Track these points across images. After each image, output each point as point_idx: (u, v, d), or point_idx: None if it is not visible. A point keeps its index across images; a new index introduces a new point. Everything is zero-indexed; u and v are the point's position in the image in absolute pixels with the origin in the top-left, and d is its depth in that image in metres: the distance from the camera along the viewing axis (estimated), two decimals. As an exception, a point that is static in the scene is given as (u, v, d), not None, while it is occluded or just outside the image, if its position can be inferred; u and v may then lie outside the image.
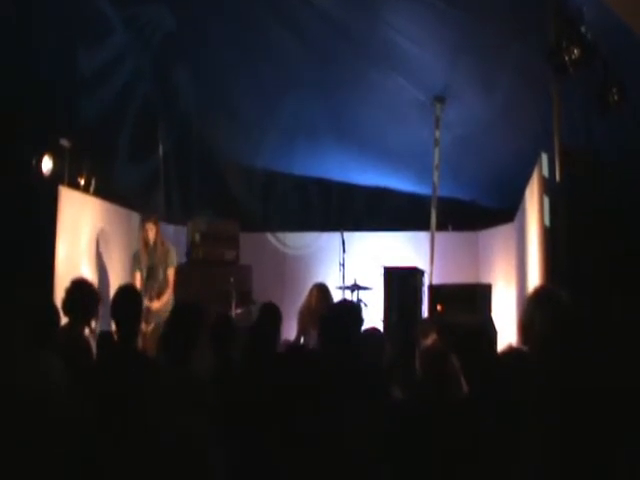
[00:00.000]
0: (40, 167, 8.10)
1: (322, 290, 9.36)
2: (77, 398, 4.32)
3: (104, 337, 5.52)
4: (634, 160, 7.12)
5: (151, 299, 8.93)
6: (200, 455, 2.57)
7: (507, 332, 8.15)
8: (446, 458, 3.60)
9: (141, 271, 9.06)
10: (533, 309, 4.48)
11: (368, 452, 3.94)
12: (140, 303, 5.19)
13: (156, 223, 9.19)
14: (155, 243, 9.09)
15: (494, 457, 3.32)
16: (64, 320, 5.43)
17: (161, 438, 2.55)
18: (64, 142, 8.49)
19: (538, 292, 4.84)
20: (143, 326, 8.61)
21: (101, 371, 4.54)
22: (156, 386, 4.11)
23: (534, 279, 7.82)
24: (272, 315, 5.95)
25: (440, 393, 4.18)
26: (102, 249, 9.26)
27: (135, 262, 9.16)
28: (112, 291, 5.46)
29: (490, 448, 3.36)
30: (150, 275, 9.05)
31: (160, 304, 8.98)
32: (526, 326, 4.51)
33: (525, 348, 4.28)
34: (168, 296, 9.11)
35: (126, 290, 5.33)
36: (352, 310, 5.20)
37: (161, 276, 9.13)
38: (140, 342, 8.17)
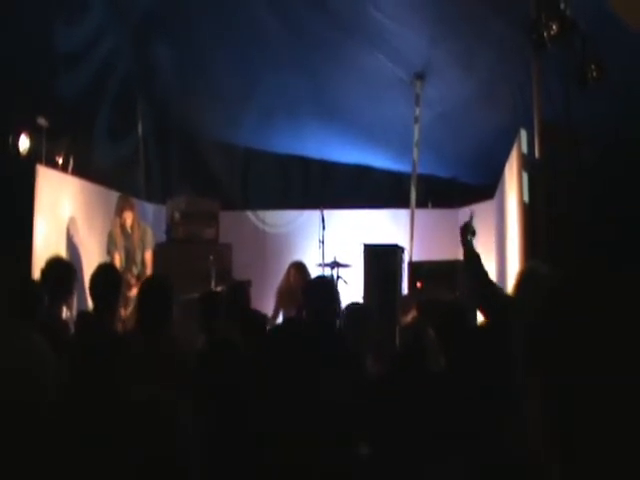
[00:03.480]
0: (17, 146, 8.04)
1: (300, 268, 9.37)
2: (58, 375, 4.31)
3: (83, 317, 5.50)
4: (613, 136, 7.14)
5: (129, 287, 8.82)
6: (168, 423, 2.58)
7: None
8: (420, 431, 3.63)
9: (119, 253, 8.96)
10: (516, 286, 4.62)
11: (346, 424, 3.95)
12: (119, 281, 5.17)
13: (133, 209, 9.05)
14: (132, 228, 8.99)
15: (470, 427, 3.36)
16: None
17: (129, 409, 2.56)
18: (41, 121, 8.42)
19: (521, 270, 5.02)
20: (122, 312, 8.55)
21: (76, 349, 4.52)
22: (124, 358, 4.11)
23: (514, 256, 7.84)
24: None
25: (418, 368, 4.21)
26: (81, 228, 9.21)
27: (110, 242, 9.02)
28: (89, 271, 5.45)
29: (465, 418, 3.39)
30: (128, 258, 8.97)
31: (133, 292, 8.89)
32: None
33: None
34: None
35: (104, 268, 5.32)
36: (327, 284, 5.20)
37: (139, 258, 9.05)
38: (120, 327, 8.14)
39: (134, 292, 8.77)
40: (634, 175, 6.74)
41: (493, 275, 9.79)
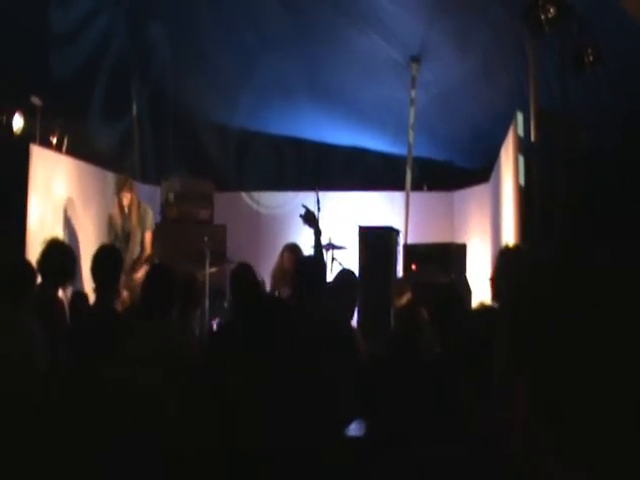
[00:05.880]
0: (11, 125, 8.00)
1: (293, 250, 9.34)
2: (52, 357, 4.31)
3: (77, 297, 5.49)
4: (608, 120, 7.14)
5: (127, 272, 8.70)
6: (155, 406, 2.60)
7: (482, 291, 8.19)
8: (417, 411, 3.64)
9: (117, 236, 8.86)
10: (500, 265, 4.62)
11: (340, 404, 3.97)
12: (120, 263, 5.14)
13: (131, 189, 8.95)
14: (130, 209, 8.91)
15: (463, 409, 3.36)
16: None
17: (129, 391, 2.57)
18: (35, 99, 8.37)
19: (503, 249, 5.01)
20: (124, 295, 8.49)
21: (76, 331, 4.53)
22: (125, 341, 4.12)
23: (509, 238, 7.85)
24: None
25: (412, 349, 4.21)
26: (76, 209, 9.17)
27: (110, 224, 8.97)
28: (84, 252, 5.43)
29: (459, 400, 3.40)
30: (126, 241, 8.87)
31: (139, 275, 8.73)
32: (495, 281, 4.65)
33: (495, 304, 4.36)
34: (145, 268, 8.91)
35: (107, 249, 5.28)
36: (317, 263, 5.19)
37: (138, 239, 8.95)
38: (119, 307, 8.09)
39: (133, 274, 8.72)
40: (629, 159, 6.74)
41: (488, 259, 9.81)
